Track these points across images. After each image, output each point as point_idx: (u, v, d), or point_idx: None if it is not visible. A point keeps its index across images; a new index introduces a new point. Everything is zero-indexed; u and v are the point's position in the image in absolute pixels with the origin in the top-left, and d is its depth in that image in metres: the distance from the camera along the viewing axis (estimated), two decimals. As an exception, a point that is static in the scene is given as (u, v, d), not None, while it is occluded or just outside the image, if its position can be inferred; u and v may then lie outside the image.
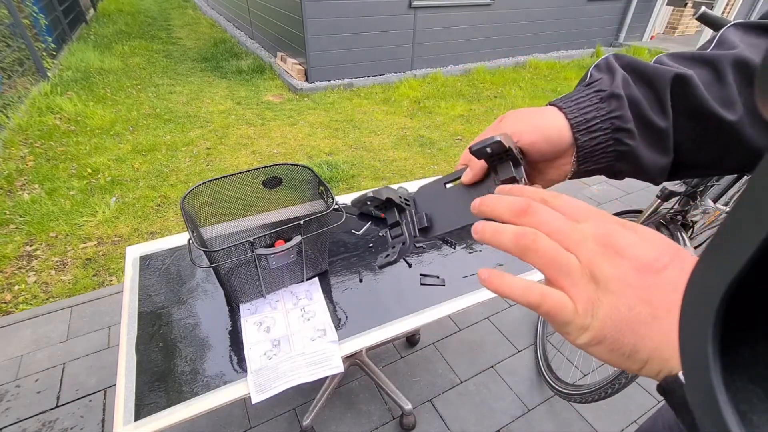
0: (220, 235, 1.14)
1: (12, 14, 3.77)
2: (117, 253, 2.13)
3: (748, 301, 0.20)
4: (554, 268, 0.25)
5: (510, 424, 1.43)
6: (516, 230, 0.27)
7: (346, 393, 1.50)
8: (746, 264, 0.18)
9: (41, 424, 1.38)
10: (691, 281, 0.25)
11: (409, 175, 2.98)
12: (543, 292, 0.25)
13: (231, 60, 5.32)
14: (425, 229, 0.44)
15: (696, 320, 0.23)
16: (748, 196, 0.18)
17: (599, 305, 0.24)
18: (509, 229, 0.27)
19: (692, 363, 0.23)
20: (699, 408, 0.22)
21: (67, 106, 3.63)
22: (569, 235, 0.26)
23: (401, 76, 4.90)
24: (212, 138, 3.37)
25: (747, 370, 0.20)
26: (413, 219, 0.46)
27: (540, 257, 0.26)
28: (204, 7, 9.29)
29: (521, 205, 0.28)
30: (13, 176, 2.67)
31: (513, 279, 0.27)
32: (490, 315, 1.84)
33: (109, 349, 1.63)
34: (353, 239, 1.23)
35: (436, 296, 1.04)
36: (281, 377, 0.83)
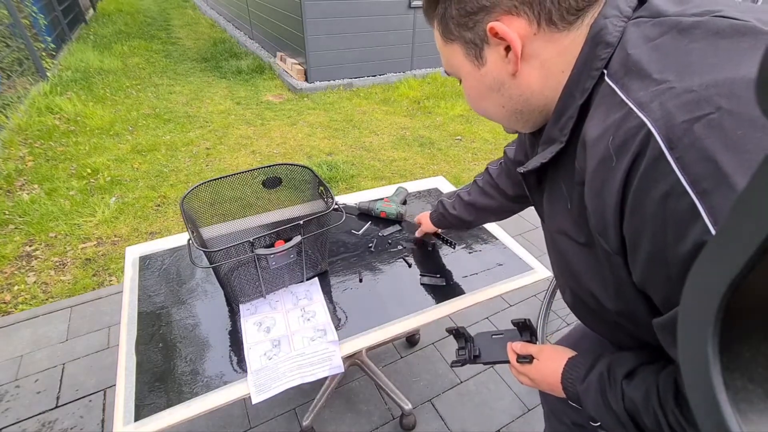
0: (219, 235, 1.14)
1: (11, 14, 3.77)
2: (117, 254, 2.13)
3: (749, 301, 0.20)
4: (528, 382, 0.68)
5: (510, 424, 1.44)
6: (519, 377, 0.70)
7: (346, 393, 1.50)
8: (746, 264, 0.18)
9: (41, 424, 1.38)
10: (691, 282, 0.25)
11: (409, 175, 2.98)
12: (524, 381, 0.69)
13: (230, 60, 5.32)
14: (476, 356, 0.80)
15: (696, 320, 0.23)
16: (748, 197, 0.18)
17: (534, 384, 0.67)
18: (522, 378, 0.69)
19: (692, 362, 0.23)
20: (699, 407, 0.22)
21: (66, 106, 3.62)
22: (530, 372, 0.67)
23: (401, 76, 4.90)
24: (212, 138, 3.37)
25: (747, 370, 0.20)
26: (471, 347, 0.81)
27: (525, 381, 0.69)
28: (203, 7, 9.28)
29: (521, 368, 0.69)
30: (13, 176, 2.67)
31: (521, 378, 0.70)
32: (490, 315, 1.84)
33: (108, 349, 1.63)
34: (353, 239, 1.23)
35: (436, 296, 1.04)
36: (281, 377, 0.83)
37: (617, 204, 0.37)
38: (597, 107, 0.40)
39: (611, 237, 0.40)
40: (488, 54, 0.46)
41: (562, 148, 0.46)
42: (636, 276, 0.40)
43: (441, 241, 1.22)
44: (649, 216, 0.35)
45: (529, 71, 0.45)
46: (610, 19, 0.40)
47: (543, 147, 0.50)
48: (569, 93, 0.44)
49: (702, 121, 0.31)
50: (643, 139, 0.34)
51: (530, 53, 0.44)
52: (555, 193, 0.51)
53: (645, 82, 0.36)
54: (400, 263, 1.14)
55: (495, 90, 0.49)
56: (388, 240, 1.23)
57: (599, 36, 0.41)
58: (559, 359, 0.60)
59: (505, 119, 0.54)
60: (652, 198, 0.34)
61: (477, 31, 0.45)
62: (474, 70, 0.49)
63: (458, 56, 0.50)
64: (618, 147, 0.36)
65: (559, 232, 0.52)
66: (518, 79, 0.46)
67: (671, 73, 0.35)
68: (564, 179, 0.48)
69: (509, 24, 0.42)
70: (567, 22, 0.42)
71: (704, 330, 0.21)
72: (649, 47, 0.38)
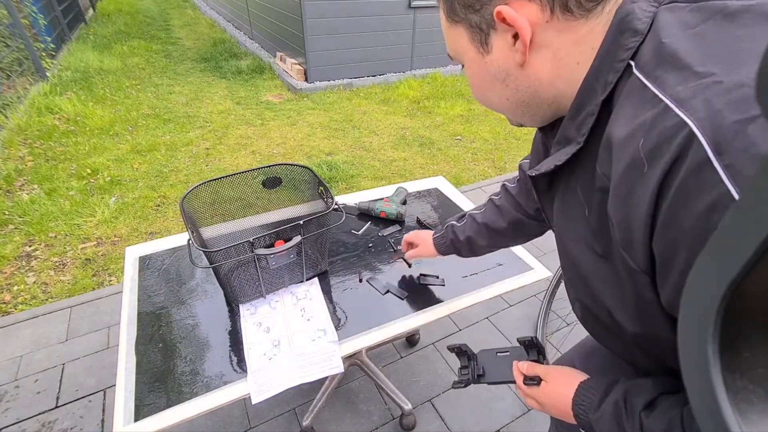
0: (219, 236, 1.14)
1: (11, 14, 3.76)
2: (116, 254, 2.13)
3: (748, 301, 0.20)
4: (535, 405, 0.63)
5: (510, 424, 1.44)
6: (526, 400, 0.65)
7: (346, 393, 1.50)
8: (746, 264, 0.18)
9: (41, 424, 1.37)
10: (691, 282, 0.25)
11: (409, 175, 2.98)
12: (531, 404, 0.65)
13: (230, 60, 5.32)
14: (480, 375, 0.76)
15: (696, 320, 0.23)
16: (748, 197, 0.18)
17: (542, 408, 0.62)
18: (529, 401, 0.64)
19: (692, 362, 0.23)
20: (699, 408, 0.22)
21: (66, 106, 3.62)
22: (537, 395, 0.62)
23: (401, 76, 4.90)
24: (212, 138, 3.37)
25: (747, 370, 0.20)
26: (475, 366, 0.77)
27: (532, 404, 0.64)
28: (203, 7, 9.28)
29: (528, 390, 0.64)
30: (12, 176, 2.67)
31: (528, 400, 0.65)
32: (490, 315, 1.84)
33: (108, 349, 1.63)
34: (353, 239, 1.23)
35: (436, 296, 1.04)
36: (281, 377, 0.83)
37: (648, 216, 0.33)
38: (623, 104, 0.36)
39: (638, 253, 0.36)
40: (494, 40, 0.42)
41: (579, 149, 0.42)
42: (665, 297, 0.36)
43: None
44: (687, 231, 0.30)
45: (538, 62, 0.41)
46: (639, 4, 0.36)
47: (557, 147, 0.45)
48: (589, 87, 0.39)
49: (758, 122, 0.27)
50: (683, 141, 0.29)
51: (541, 42, 0.40)
52: (569, 198, 0.46)
53: (684, 75, 0.31)
54: (400, 262, 1.14)
55: (500, 80, 0.45)
56: (388, 240, 1.23)
57: (625, 22, 0.36)
58: (570, 384, 0.56)
59: (509, 111, 0.49)
60: (693, 211, 0.30)
61: (483, 15, 0.41)
62: (478, 57, 0.45)
63: (462, 40, 0.45)
64: (651, 150, 0.32)
65: (574, 241, 0.47)
66: (526, 69, 0.42)
67: (717, 65, 0.30)
68: (581, 184, 0.43)
69: (519, 9, 0.38)
70: (584, 9, 0.37)
71: (704, 330, 0.21)
72: (688, 35, 0.33)
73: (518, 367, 0.66)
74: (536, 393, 0.61)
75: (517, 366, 0.67)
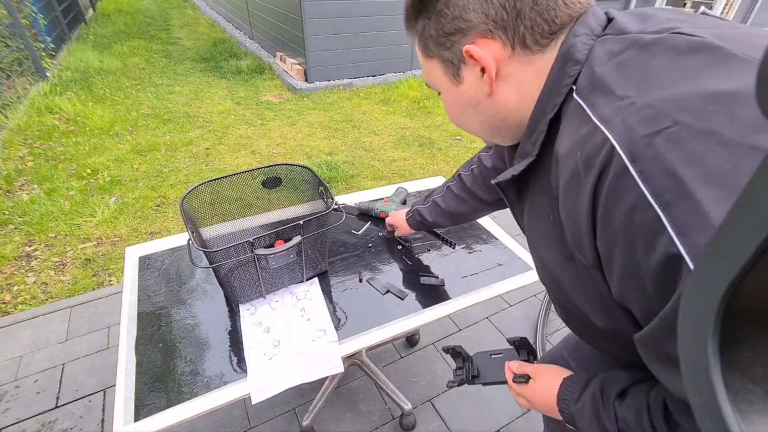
0: (219, 236, 1.14)
1: (11, 14, 3.76)
2: (116, 254, 2.13)
3: (748, 301, 0.20)
4: (525, 403, 0.66)
5: (510, 424, 1.44)
6: (517, 398, 0.68)
7: (345, 393, 1.50)
8: (746, 264, 0.18)
9: (41, 424, 1.38)
10: (691, 281, 0.25)
11: (409, 175, 2.98)
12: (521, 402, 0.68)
13: (230, 60, 5.31)
14: (474, 376, 0.78)
15: (696, 320, 0.23)
16: (748, 197, 0.18)
17: (531, 405, 0.65)
18: (519, 399, 0.67)
19: (692, 363, 0.23)
20: (699, 408, 0.22)
21: (66, 106, 3.62)
22: (526, 393, 0.65)
23: (401, 76, 4.90)
24: (212, 138, 3.37)
25: (747, 370, 0.20)
26: (470, 367, 0.79)
27: (523, 402, 0.67)
28: (203, 7, 9.28)
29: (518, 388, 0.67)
30: (12, 176, 2.67)
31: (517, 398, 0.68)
32: (489, 315, 1.84)
33: (108, 349, 1.63)
34: (353, 239, 1.23)
35: (436, 296, 1.04)
36: (281, 377, 0.83)
37: (588, 218, 0.38)
38: (567, 123, 0.41)
39: (587, 251, 0.40)
40: (465, 73, 0.48)
41: (534, 162, 0.47)
42: (614, 290, 0.40)
43: (441, 241, 1.22)
44: (618, 230, 0.35)
45: (505, 91, 0.46)
46: (580, 38, 0.42)
47: (518, 160, 0.51)
48: (541, 108, 0.45)
49: (661, 135, 0.32)
50: (607, 153, 0.35)
51: (506, 74, 0.45)
52: (536, 207, 0.51)
53: (609, 98, 0.37)
54: (400, 262, 1.14)
55: (472, 107, 0.50)
56: (388, 240, 1.23)
57: (568, 53, 0.42)
58: (555, 380, 0.60)
59: (482, 134, 0.55)
60: (619, 212, 0.35)
61: (454, 51, 0.46)
62: (452, 87, 0.51)
63: (437, 72, 0.51)
64: (585, 162, 0.37)
65: (544, 247, 0.51)
66: (494, 98, 0.48)
67: (632, 89, 0.36)
68: (545, 194, 0.48)
69: (484, 47, 0.43)
70: (540, 45, 0.43)
71: (704, 330, 0.21)
72: (613, 64, 0.39)
73: (509, 367, 0.70)
74: (525, 391, 0.65)
75: (509, 365, 0.70)
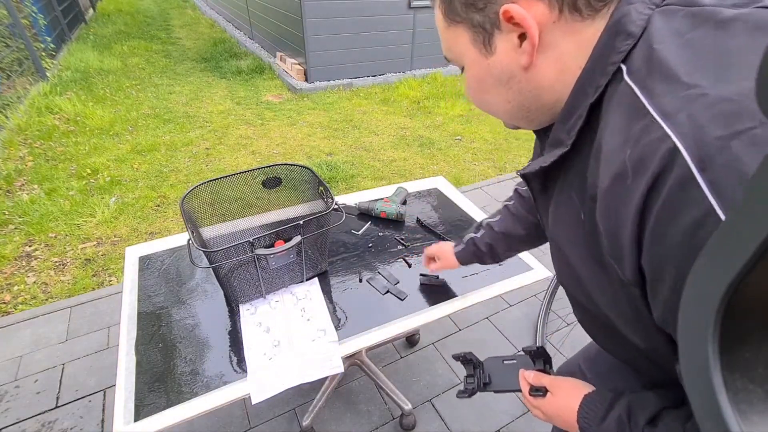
0: (219, 236, 1.14)
1: (11, 14, 3.76)
2: (116, 254, 2.13)
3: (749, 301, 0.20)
4: (541, 416, 0.62)
5: (510, 424, 1.44)
6: (532, 410, 0.64)
7: (345, 393, 1.50)
8: (746, 264, 0.18)
9: (41, 424, 1.37)
10: (691, 282, 0.25)
11: (409, 175, 2.98)
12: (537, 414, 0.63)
13: (230, 60, 5.31)
14: (486, 383, 0.74)
15: (696, 321, 0.23)
16: (749, 197, 0.18)
17: (548, 419, 0.61)
18: (535, 411, 0.63)
19: (692, 362, 0.23)
20: (699, 408, 0.22)
21: (66, 106, 3.62)
22: (543, 407, 0.61)
23: (401, 76, 4.90)
24: (212, 138, 3.37)
25: (748, 370, 0.20)
26: (481, 375, 0.75)
27: (538, 414, 0.63)
28: (203, 7, 9.28)
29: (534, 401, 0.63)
30: (12, 176, 2.67)
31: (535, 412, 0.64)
32: (490, 315, 1.84)
33: (108, 349, 1.63)
34: (353, 239, 1.23)
35: (436, 296, 1.04)
36: (281, 377, 0.83)
37: (634, 230, 0.32)
38: (613, 110, 0.35)
39: (626, 267, 0.35)
40: (499, 41, 0.40)
41: (566, 152, 0.41)
42: (656, 313, 0.35)
43: (441, 241, 1.22)
44: (674, 249, 0.30)
45: (543, 64, 0.39)
46: (635, 5, 0.35)
47: (549, 149, 0.44)
48: (581, 89, 0.38)
49: (741, 138, 0.26)
50: (666, 156, 0.29)
51: (547, 44, 0.38)
52: (564, 201, 0.45)
53: (672, 85, 0.31)
54: (400, 263, 1.14)
55: (503, 83, 0.43)
56: (388, 240, 1.23)
57: (620, 24, 0.35)
58: (575, 395, 0.56)
59: (508, 115, 0.48)
60: (677, 228, 0.29)
61: (488, 14, 0.39)
62: (480, 59, 0.43)
63: (462, 41, 0.43)
64: (636, 163, 0.31)
65: (570, 245, 0.45)
66: (531, 72, 0.40)
67: (704, 77, 0.29)
68: (575, 189, 0.42)
69: (527, 8, 0.36)
70: (593, 9, 0.36)
71: (704, 330, 0.21)
72: (679, 43, 0.32)
73: (524, 377, 0.65)
74: (542, 404, 0.61)
75: (524, 375, 0.65)
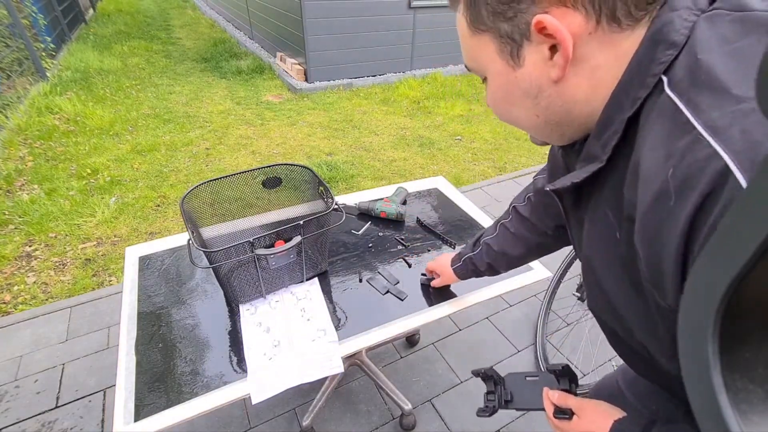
0: (219, 236, 1.14)
1: (11, 14, 3.76)
2: (116, 254, 2.13)
3: (749, 301, 0.20)
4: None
5: (510, 424, 1.44)
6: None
7: (345, 393, 1.50)
8: (746, 264, 0.18)
9: (41, 424, 1.37)
10: (691, 282, 0.25)
11: (409, 175, 2.98)
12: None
13: (230, 60, 5.31)
14: (508, 401, 0.70)
15: (696, 321, 0.23)
16: (749, 196, 0.18)
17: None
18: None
19: (692, 362, 0.23)
20: (699, 408, 0.22)
21: (66, 106, 3.62)
22: (568, 430, 0.58)
23: (401, 76, 4.90)
24: (212, 138, 3.37)
25: (748, 370, 0.20)
26: (502, 392, 0.71)
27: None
28: (203, 7, 9.28)
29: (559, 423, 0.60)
30: (12, 176, 2.67)
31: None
32: (490, 315, 1.84)
33: (108, 349, 1.63)
34: (353, 239, 1.23)
35: (436, 296, 1.04)
36: (281, 377, 0.83)
37: (678, 257, 0.30)
38: (653, 125, 0.32)
39: (668, 293, 0.32)
40: (528, 53, 0.38)
41: (601, 168, 0.38)
42: None
43: (441, 240, 1.22)
44: None
45: (576, 78, 0.37)
46: (679, 12, 0.32)
47: (581, 164, 0.42)
48: (616, 103, 0.36)
49: None
50: (715, 175, 0.26)
51: (580, 56, 0.36)
52: (598, 220, 0.43)
53: (720, 98, 0.28)
54: (400, 263, 1.14)
55: (531, 96, 0.41)
56: (388, 240, 1.23)
57: (662, 33, 0.32)
58: (604, 421, 0.53)
59: (536, 129, 0.45)
60: None
61: (517, 24, 0.36)
62: (507, 71, 0.41)
63: (488, 51, 0.41)
64: (681, 183, 0.29)
65: (605, 267, 0.42)
66: (561, 86, 0.38)
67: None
68: (610, 206, 0.40)
69: (561, 18, 0.34)
70: (633, 19, 0.33)
71: (704, 330, 0.21)
72: (727, 52, 0.29)
73: (549, 397, 0.62)
74: (567, 427, 0.58)
75: (548, 395, 0.62)
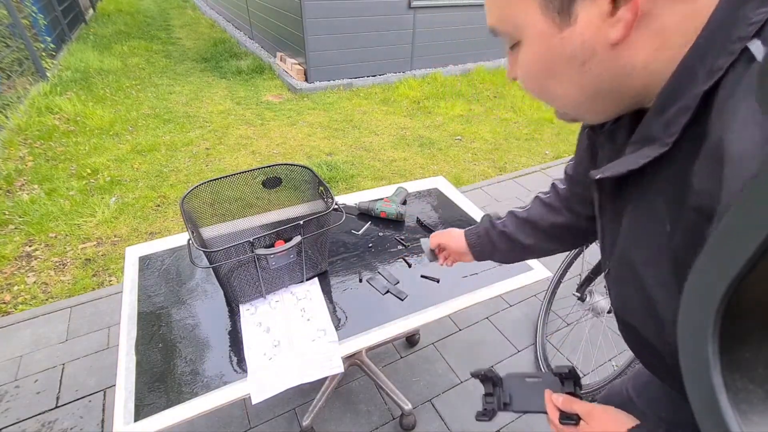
0: (219, 236, 1.14)
1: (11, 14, 3.76)
2: (116, 254, 2.13)
3: (749, 301, 0.20)
4: None
5: (510, 424, 1.43)
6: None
7: (345, 393, 1.50)
8: (746, 264, 0.18)
9: (41, 424, 1.37)
10: (691, 282, 0.25)
11: (409, 175, 2.98)
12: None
13: (230, 60, 5.31)
14: (506, 404, 0.67)
15: (696, 321, 0.23)
16: (749, 196, 0.18)
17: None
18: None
19: (692, 362, 0.23)
20: (699, 408, 0.22)
21: (66, 106, 3.62)
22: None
23: (401, 76, 4.90)
24: (212, 138, 3.37)
25: (748, 370, 0.20)
26: (501, 394, 0.68)
27: None
28: (203, 7, 9.28)
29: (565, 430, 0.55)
30: (13, 176, 2.67)
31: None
32: (490, 315, 1.84)
33: (108, 349, 1.63)
34: (353, 239, 1.23)
35: (436, 296, 1.04)
36: (281, 377, 0.83)
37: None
38: (740, 101, 0.26)
39: None
40: (582, 8, 0.32)
41: (665, 152, 0.32)
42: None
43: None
44: None
45: (639, 40, 0.31)
46: None
47: (634, 147, 0.36)
48: (688, 72, 0.30)
49: None
50: None
51: (647, 12, 0.30)
52: (645, 210, 0.37)
53: None
54: (400, 263, 1.14)
55: (578, 62, 0.34)
56: (388, 240, 1.23)
57: None
58: (615, 428, 0.49)
59: (574, 103, 0.38)
60: None
61: None
62: (551, 32, 0.34)
63: (529, 8, 0.35)
64: None
65: (647, 262, 0.37)
66: (618, 50, 0.32)
67: None
68: (666, 195, 0.34)
69: None
70: None
71: (704, 330, 0.21)
72: None
73: (553, 401, 0.58)
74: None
75: (552, 399, 0.58)
